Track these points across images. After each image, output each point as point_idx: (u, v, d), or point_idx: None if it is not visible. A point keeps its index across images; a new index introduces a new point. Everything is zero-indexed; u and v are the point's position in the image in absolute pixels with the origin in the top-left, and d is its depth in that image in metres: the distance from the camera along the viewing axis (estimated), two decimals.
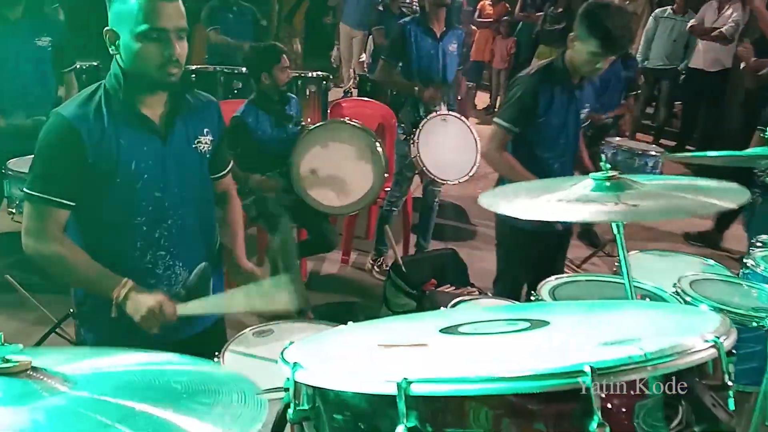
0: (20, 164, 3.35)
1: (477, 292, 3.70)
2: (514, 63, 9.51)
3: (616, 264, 2.79)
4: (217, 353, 1.86)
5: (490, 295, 2.57)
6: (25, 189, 1.86)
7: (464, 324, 1.11)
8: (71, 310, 3.35)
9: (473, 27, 9.33)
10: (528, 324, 1.06)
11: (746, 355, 2.06)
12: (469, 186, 4.93)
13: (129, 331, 1.83)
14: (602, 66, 2.71)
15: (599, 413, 0.76)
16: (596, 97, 3.08)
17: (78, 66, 3.98)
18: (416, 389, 0.80)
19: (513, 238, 3.00)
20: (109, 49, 1.84)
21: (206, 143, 1.99)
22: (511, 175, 2.84)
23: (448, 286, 3.89)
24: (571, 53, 2.78)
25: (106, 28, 1.81)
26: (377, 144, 3.83)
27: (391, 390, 0.81)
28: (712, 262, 2.84)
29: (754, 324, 1.94)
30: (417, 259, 4.17)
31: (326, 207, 3.87)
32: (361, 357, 1.01)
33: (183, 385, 0.92)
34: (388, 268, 4.18)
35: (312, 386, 0.91)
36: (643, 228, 5.85)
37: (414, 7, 6.91)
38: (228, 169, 2.18)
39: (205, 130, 1.99)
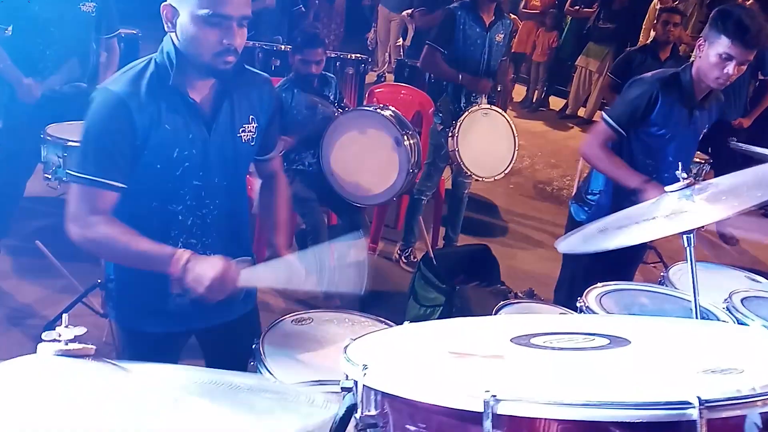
0: (59, 130, 3.34)
1: (509, 292, 3.64)
2: (555, 57, 9.36)
3: (661, 274, 2.70)
4: (256, 339, 1.83)
5: (535, 297, 2.49)
6: (72, 172, 1.71)
7: (536, 335, 1.05)
8: (99, 281, 3.33)
9: (516, 18, 9.14)
10: (607, 341, 1.00)
11: None
12: (502, 180, 4.82)
13: (152, 313, 1.82)
14: (731, 72, 2.51)
15: None
16: (719, 116, 2.88)
17: (121, 33, 3.93)
18: (505, 408, 0.74)
19: None
20: (165, 26, 1.72)
21: (251, 131, 1.88)
22: (615, 172, 2.67)
23: (478, 282, 3.82)
24: (698, 62, 2.61)
25: (165, 2, 1.69)
26: (408, 135, 3.74)
27: (477, 407, 0.75)
28: (761, 278, 2.73)
29: None
30: (448, 252, 4.10)
31: (353, 196, 3.80)
32: (434, 364, 0.95)
33: (247, 384, 0.88)
34: (416, 260, 4.12)
35: (382, 392, 0.85)
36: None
37: None
38: (276, 149, 2.07)
39: (251, 117, 1.88)
